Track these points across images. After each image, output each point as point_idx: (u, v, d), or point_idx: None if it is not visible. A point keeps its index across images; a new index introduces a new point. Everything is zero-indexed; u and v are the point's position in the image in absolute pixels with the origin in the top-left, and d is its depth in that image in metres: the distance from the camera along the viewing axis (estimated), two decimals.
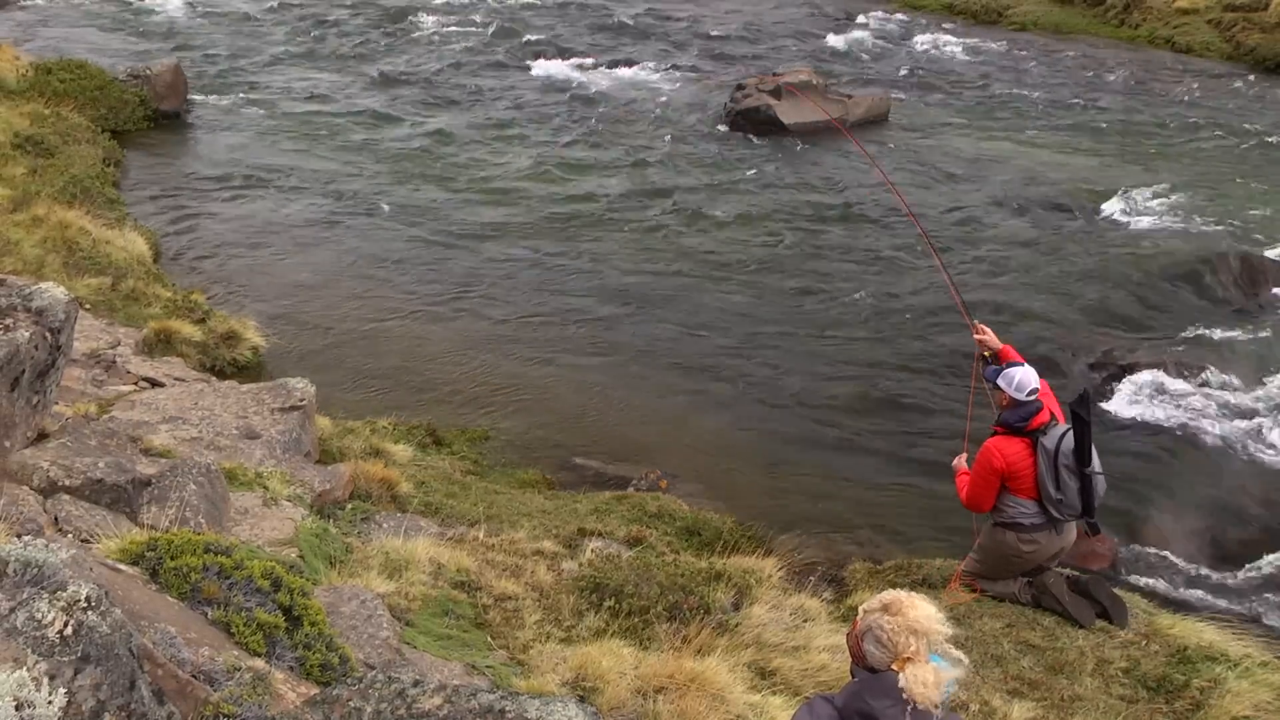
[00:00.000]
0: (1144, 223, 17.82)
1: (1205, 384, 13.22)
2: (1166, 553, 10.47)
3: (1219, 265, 16.02)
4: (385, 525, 7.79)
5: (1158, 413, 12.79)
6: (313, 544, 6.63)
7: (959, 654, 3.56)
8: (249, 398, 9.14)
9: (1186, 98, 24.83)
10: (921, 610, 3.53)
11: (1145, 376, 13.30)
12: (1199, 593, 9.98)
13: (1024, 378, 7.36)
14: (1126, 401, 12.97)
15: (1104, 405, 12.89)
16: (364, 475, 8.63)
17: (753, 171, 19.89)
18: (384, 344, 13.70)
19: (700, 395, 13.06)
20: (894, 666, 3.45)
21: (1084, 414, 7.14)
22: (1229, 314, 15.11)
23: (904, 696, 3.39)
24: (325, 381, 12.19)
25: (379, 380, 12.93)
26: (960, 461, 8.06)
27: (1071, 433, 7.24)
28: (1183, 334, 14.48)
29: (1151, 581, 10.03)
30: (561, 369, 13.43)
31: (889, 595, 3.63)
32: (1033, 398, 7.36)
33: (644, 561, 7.60)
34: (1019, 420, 7.37)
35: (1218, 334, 14.44)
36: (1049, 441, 7.29)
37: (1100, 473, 7.32)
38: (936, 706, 3.40)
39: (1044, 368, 13.34)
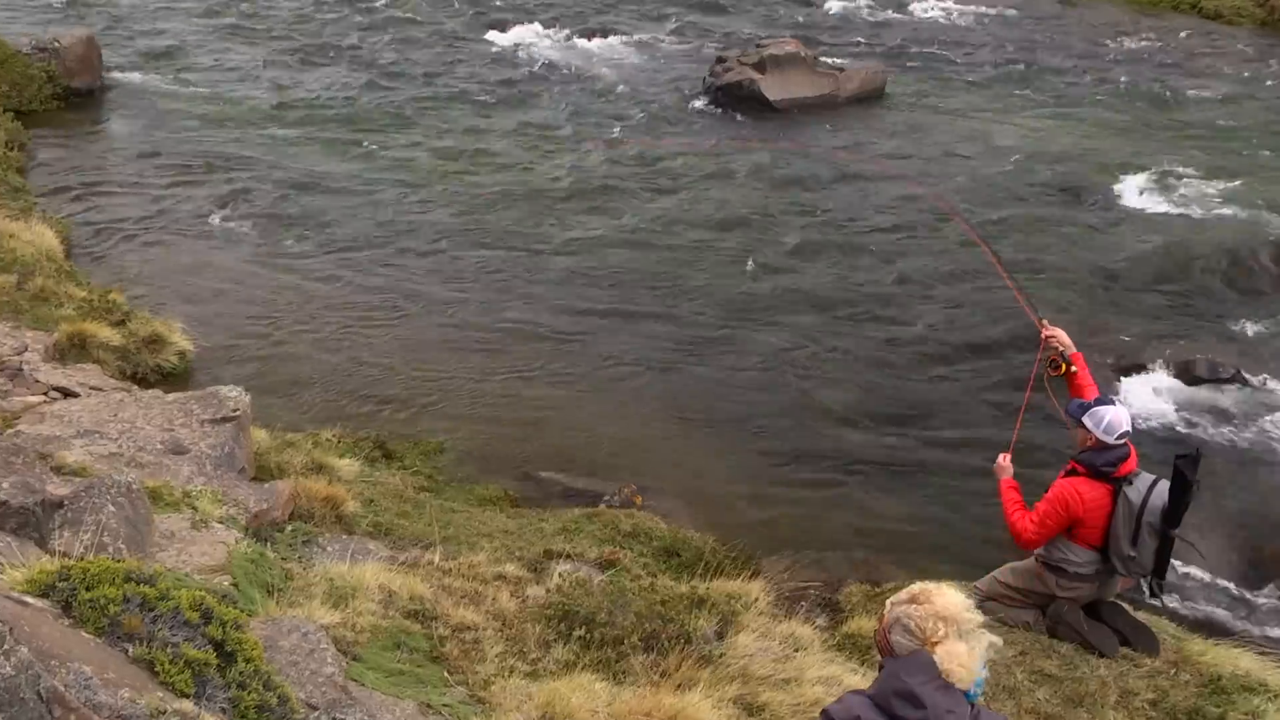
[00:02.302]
0: (1168, 208, 17.94)
1: (1237, 384, 13.33)
2: (1195, 570, 10.52)
3: (1252, 254, 16.15)
4: (330, 549, 7.74)
5: (1184, 415, 12.88)
6: (248, 570, 6.59)
7: (993, 637, 3.77)
8: (175, 408, 9.08)
9: (1215, 70, 25.02)
10: (949, 597, 3.80)
11: (1171, 375, 13.39)
12: (1233, 615, 10.04)
13: (1115, 419, 7.23)
14: (1150, 402, 13.05)
15: (1127, 403, 12.94)
16: (305, 493, 8.58)
17: (734, 154, 19.90)
18: (327, 348, 13.64)
19: (678, 402, 13.06)
20: (925, 649, 3.67)
21: (1190, 475, 7.00)
22: (1263, 307, 15.22)
23: (939, 674, 3.60)
24: (262, 390, 12.12)
25: (322, 388, 12.87)
26: (1005, 463, 7.86)
27: (1163, 485, 7.13)
28: (1212, 329, 14.58)
29: (1179, 603, 10.08)
30: (523, 374, 13.40)
31: (916, 586, 3.92)
32: (1122, 441, 7.25)
33: (618, 586, 7.58)
34: (1105, 465, 7.26)
35: (1250, 329, 14.56)
36: (1134, 494, 7.18)
37: (1186, 541, 7.26)
38: (973, 684, 3.64)
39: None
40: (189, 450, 8.47)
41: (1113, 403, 7.39)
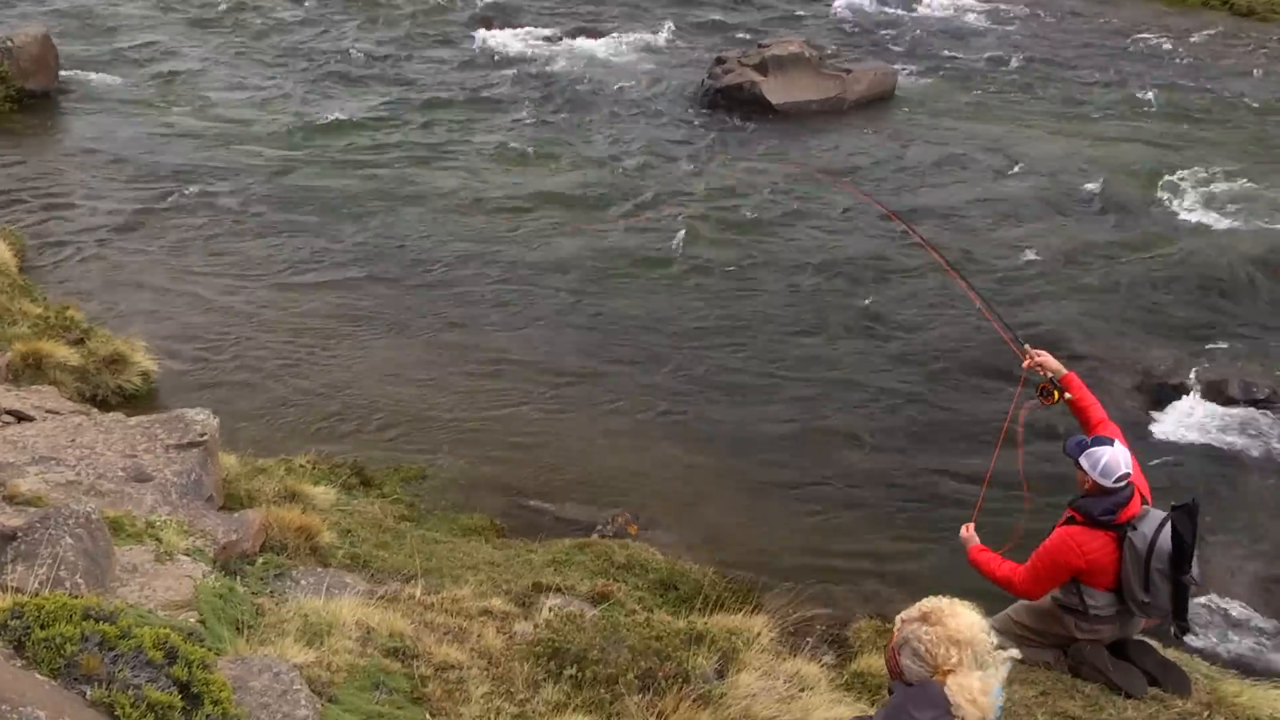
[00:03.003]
0: (1198, 218, 17.96)
1: (1272, 404, 13.33)
2: (1230, 605, 10.51)
3: None
4: (304, 582, 7.73)
5: (1217, 438, 12.89)
6: (216, 606, 6.57)
7: (1013, 651, 3.68)
8: (138, 432, 9.07)
9: (1248, 69, 25.06)
10: (964, 619, 3.76)
11: (1203, 396, 13.40)
12: (1271, 653, 10.02)
13: (1112, 460, 7.13)
14: (1180, 424, 13.07)
15: (1154, 429, 12.98)
16: (278, 523, 8.57)
17: (734, 163, 19.94)
18: (301, 368, 13.64)
19: (676, 425, 13.06)
20: (936, 679, 3.56)
21: (1190, 525, 6.99)
22: None
23: (951, 710, 3.55)
24: (231, 413, 12.12)
25: (296, 411, 12.86)
26: (969, 534, 7.88)
27: (1168, 529, 7.07)
28: (1245, 347, 14.60)
29: (1212, 640, 10.07)
30: (510, 397, 13.40)
31: (929, 603, 3.89)
32: (1122, 484, 7.18)
33: (611, 621, 7.56)
34: (1104, 513, 7.18)
35: None
36: (1139, 540, 7.11)
37: (1197, 581, 7.23)
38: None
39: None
40: (153, 477, 8.45)
41: (1112, 442, 7.27)
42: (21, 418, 9.80)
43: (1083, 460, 7.25)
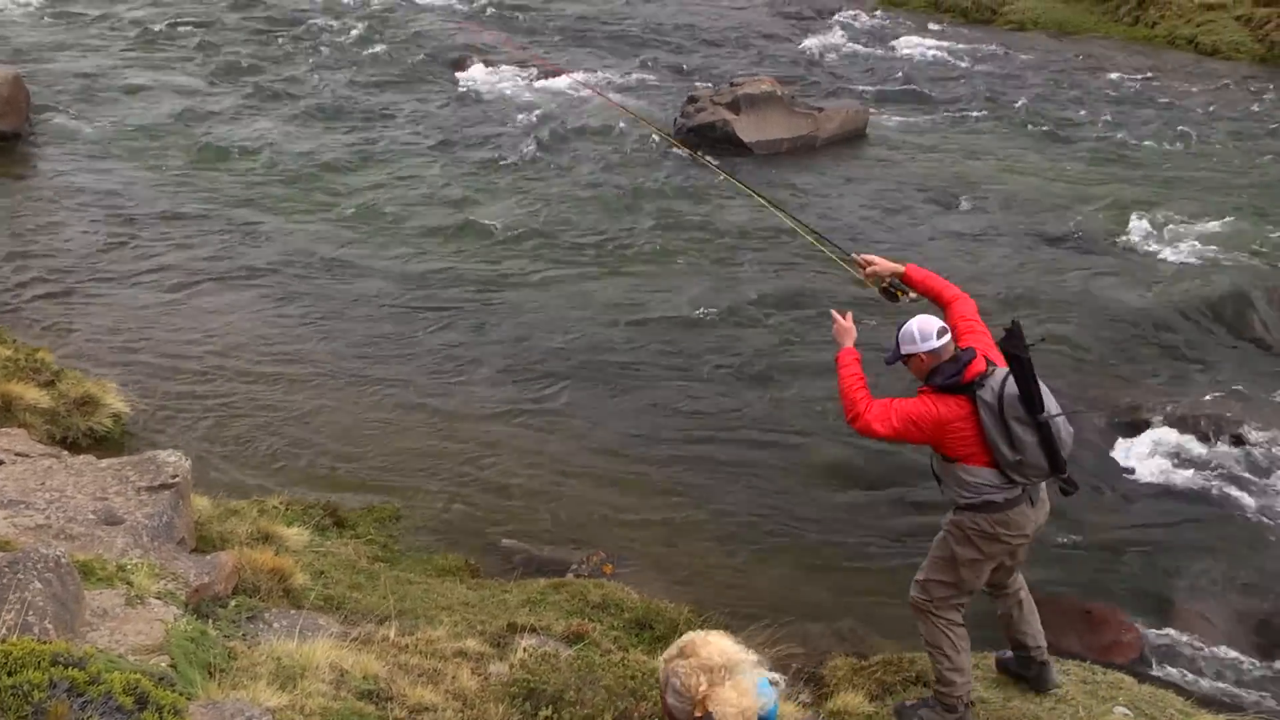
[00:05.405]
0: (1167, 254, 18.12)
1: (1243, 442, 13.40)
2: (1203, 640, 10.54)
3: (1256, 303, 16.30)
4: (276, 625, 7.69)
5: (1188, 476, 12.94)
6: (187, 650, 6.54)
7: (775, 675, 3.77)
8: (109, 475, 9.02)
9: (1213, 108, 25.35)
10: (715, 645, 3.79)
11: (1173, 433, 13.46)
12: (1244, 689, 10.04)
13: (921, 325, 7.06)
14: (1151, 462, 13.12)
15: (1125, 465, 13.04)
16: (250, 565, 8.53)
17: (706, 202, 20.00)
18: (275, 409, 13.60)
19: (649, 464, 13.06)
20: (696, 714, 3.63)
21: (1019, 351, 6.79)
22: (1270, 360, 15.37)
23: None
24: (203, 454, 12.11)
25: (269, 452, 12.82)
26: (848, 324, 7.60)
27: (1011, 378, 6.87)
28: (1216, 383, 14.69)
29: (1188, 675, 10.09)
30: (485, 436, 13.38)
31: (685, 638, 3.90)
32: (945, 340, 7.04)
33: (587, 661, 7.56)
34: (947, 377, 7.00)
35: (1257, 384, 14.66)
36: (988, 394, 6.88)
37: (1060, 414, 6.91)
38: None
39: None
40: (124, 520, 8.41)
41: (916, 316, 7.17)
42: None
43: (901, 344, 7.18)
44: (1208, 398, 14.24)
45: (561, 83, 25.53)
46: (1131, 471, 13.03)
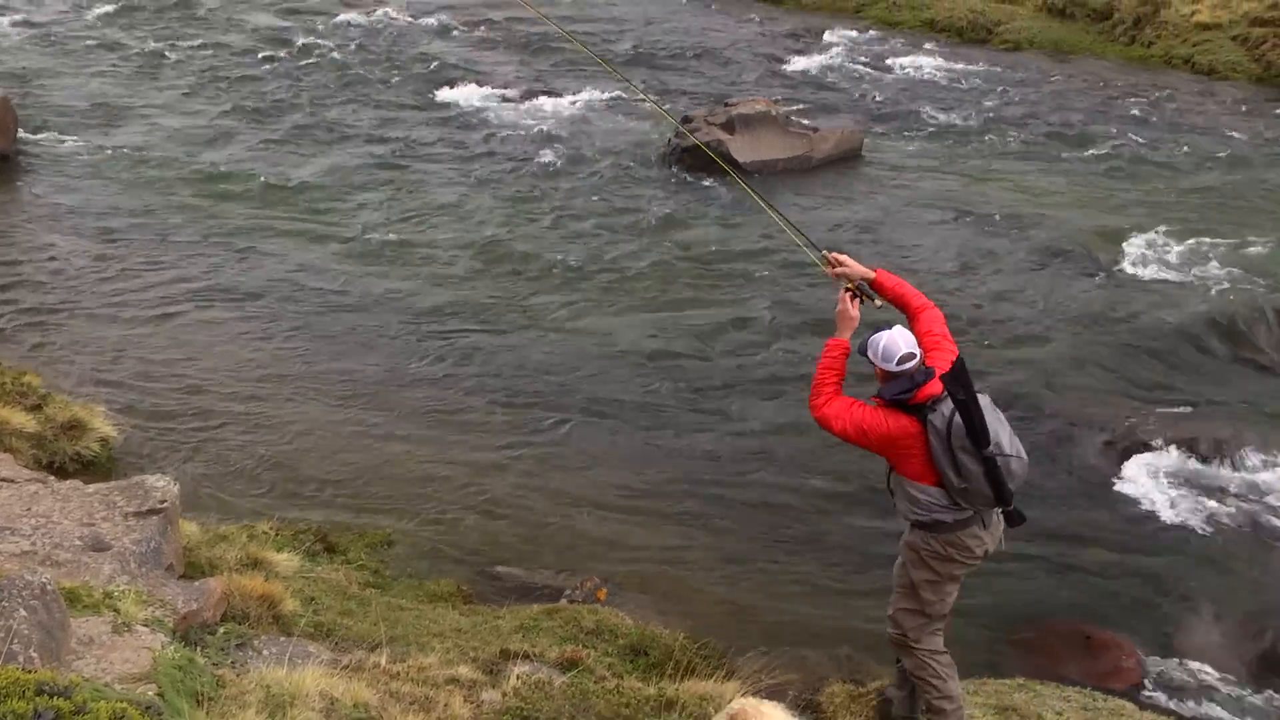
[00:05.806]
0: (1164, 274, 18.14)
1: (1241, 464, 13.38)
2: (1202, 669, 10.49)
3: (1253, 324, 16.31)
4: (266, 652, 7.65)
5: (1186, 499, 12.91)
6: (175, 678, 6.49)
7: None
8: (96, 500, 8.98)
9: (1210, 127, 25.40)
10: (769, 716, 3.80)
11: (1170, 455, 13.45)
12: (1242, 715, 10.01)
13: (890, 342, 6.99)
14: (1148, 485, 13.09)
15: (1125, 487, 13.01)
16: (239, 591, 8.48)
17: (702, 225, 20.01)
18: (264, 433, 13.56)
19: (643, 489, 13.02)
20: None
21: (958, 394, 6.72)
22: (1267, 380, 15.36)
23: None
24: (192, 478, 12.07)
25: (258, 476, 12.78)
26: (855, 312, 7.58)
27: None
28: (1217, 404, 14.68)
29: (1187, 704, 10.05)
30: (477, 461, 13.35)
31: (736, 705, 3.88)
32: (907, 366, 6.98)
33: (580, 688, 7.52)
34: (897, 394, 6.97)
35: (1255, 405, 14.65)
36: (938, 420, 6.82)
37: (1009, 455, 6.82)
38: None
39: (1050, 444, 13.57)
40: (111, 546, 8.36)
41: (891, 326, 7.12)
42: None
43: (868, 352, 7.14)
44: (1209, 419, 14.23)
45: (555, 104, 25.59)
46: (1131, 494, 13.00)
